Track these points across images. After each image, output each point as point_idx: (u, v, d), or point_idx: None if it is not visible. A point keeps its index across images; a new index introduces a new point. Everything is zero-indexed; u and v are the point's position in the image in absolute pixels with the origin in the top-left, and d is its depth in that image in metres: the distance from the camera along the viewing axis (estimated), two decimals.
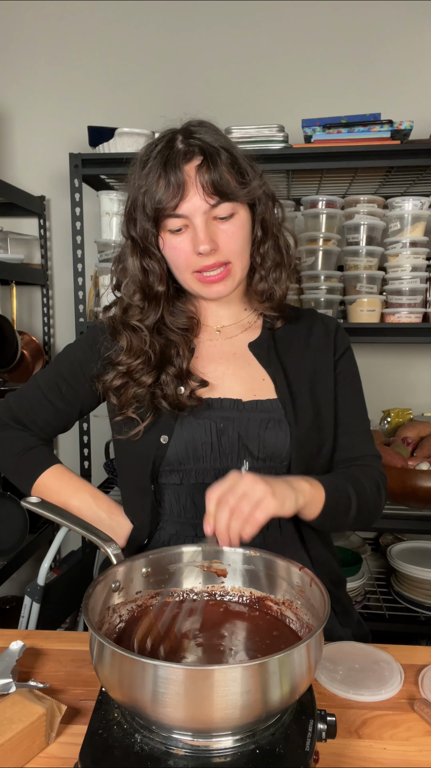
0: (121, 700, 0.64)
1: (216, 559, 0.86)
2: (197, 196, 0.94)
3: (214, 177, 0.94)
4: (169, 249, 1.00)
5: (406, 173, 1.94)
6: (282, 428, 1.00)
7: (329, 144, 1.83)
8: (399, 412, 2.12)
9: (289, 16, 2.18)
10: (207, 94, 2.22)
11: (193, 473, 1.02)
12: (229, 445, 1.00)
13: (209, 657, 0.71)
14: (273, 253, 1.05)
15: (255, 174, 1.00)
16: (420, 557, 1.99)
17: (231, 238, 0.98)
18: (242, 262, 1.01)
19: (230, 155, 0.97)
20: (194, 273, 0.99)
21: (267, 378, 1.05)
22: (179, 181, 0.94)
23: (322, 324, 1.13)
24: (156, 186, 0.95)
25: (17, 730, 0.70)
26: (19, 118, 2.32)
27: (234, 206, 0.97)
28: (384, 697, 0.83)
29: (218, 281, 0.99)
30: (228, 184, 0.95)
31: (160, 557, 0.85)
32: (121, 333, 1.04)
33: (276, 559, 0.82)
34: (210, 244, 0.95)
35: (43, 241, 2.35)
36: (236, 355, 1.08)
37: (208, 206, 0.95)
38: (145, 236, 1.00)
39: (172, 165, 0.94)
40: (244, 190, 0.97)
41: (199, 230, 0.95)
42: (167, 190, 0.94)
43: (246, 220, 1.00)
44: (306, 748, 0.63)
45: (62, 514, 0.89)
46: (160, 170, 0.95)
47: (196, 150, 0.95)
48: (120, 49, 2.25)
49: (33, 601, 1.77)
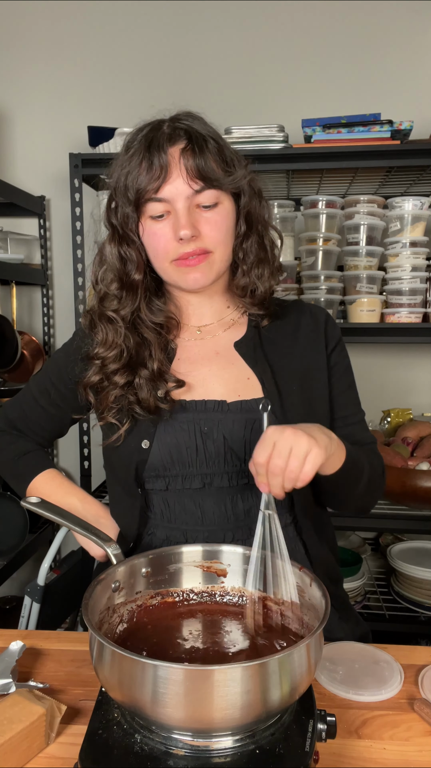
0: (121, 700, 0.64)
1: (216, 559, 0.86)
2: (180, 178, 0.92)
3: (199, 162, 0.91)
4: (149, 235, 0.97)
5: (406, 173, 1.94)
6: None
7: (329, 144, 1.83)
8: (399, 412, 2.12)
9: (289, 16, 2.18)
10: (207, 94, 2.22)
11: (179, 478, 0.99)
12: (215, 448, 0.97)
13: (209, 657, 0.71)
14: (256, 249, 1.02)
15: (241, 165, 0.98)
16: (420, 557, 1.99)
17: (213, 226, 0.95)
18: (223, 253, 0.98)
19: (217, 144, 0.95)
20: (173, 261, 0.96)
21: (253, 377, 1.02)
22: (162, 162, 0.91)
23: (310, 316, 1.10)
24: (138, 168, 0.92)
25: (17, 730, 0.70)
26: (19, 118, 2.32)
27: (219, 195, 0.95)
28: (384, 697, 0.83)
29: (195, 266, 0.96)
30: (214, 170, 0.92)
31: (160, 557, 0.85)
32: (96, 325, 1.02)
33: (276, 558, 0.82)
34: (191, 230, 0.92)
35: (43, 241, 2.35)
36: (219, 354, 1.04)
37: (191, 191, 0.92)
38: (125, 222, 0.97)
39: (156, 146, 0.92)
40: (229, 178, 0.95)
41: (180, 215, 0.93)
42: (149, 172, 0.92)
43: (230, 210, 0.97)
44: (306, 748, 0.63)
45: (62, 514, 0.89)
46: (143, 152, 0.92)
47: (181, 133, 0.92)
48: (120, 49, 2.25)
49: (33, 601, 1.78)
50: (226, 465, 0.98)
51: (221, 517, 1.00)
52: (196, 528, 1.00)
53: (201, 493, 1.00)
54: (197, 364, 1.04)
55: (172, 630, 0.77)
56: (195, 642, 0.74)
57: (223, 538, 0.99)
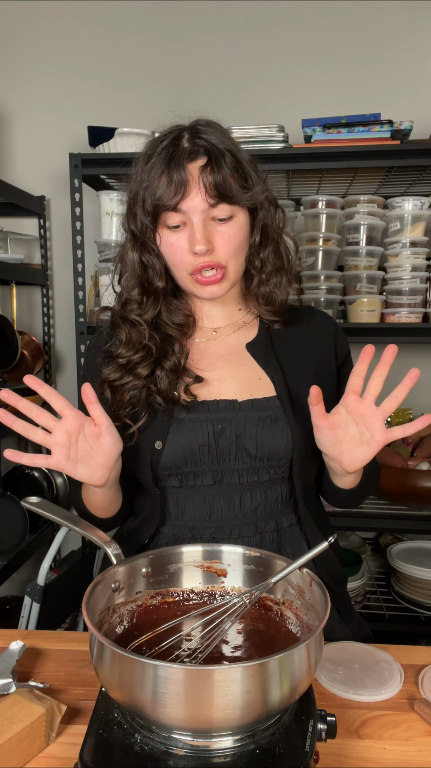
0: (121, 700, 0.64)
1: (216, 559, 0.86)
2: (198, 196, 0.94)
3: (218, 179, 0.94)
4: (166, 245, 0.99)
5: (406, 173, 1.94)
6: (279, 426, 1.00)
7: (329, 144, 1.83)
8: (399, 412, 2.12)
9: (289, 16, 2.18)
10: (207, 93, 2.22)
11: (191, 476, 1.01)
12: (226, 446, 1.00)
13: (208, 657, 0.71)
14: (273, 258, 1.05)
15: (258, 179, 1.00)
16: (420, 557, 1.99)
17: (227, 240, 0.97)
18: (236, 265, 1.01)
19: (235, 159, 0.97)
20: (190, 274, 0.99)
21: (265, 377, 1.04)
22: (182, 179, 0.93)
23: (321, 322, 1.13)
24: (158, 182, 0.95)
25: (17, 730, 0.70)
26: (19, 118, 2.32)
27: (233, 209, 0.97)
28: (384, 697, 0.83)
29: (213, 284, 0.99)
30: (231, 187, 0.95)
31: (160, 557, 0.85)
32: (120, 327, 1.04)
33: (276, 559, 0.82)
34: (205, 245, 0.95)
35: (43, 241, 2.35)
36: (231, 355, 1.07)
37: (207, 205, 0.95)
38: (143, 231, 1.00)
39: (176, 163, 0.94)
40: (246, 194, 0.97)
41: (196, 229, 0.95)
42: (169, 188, 0.94)
43: (244, 223, 1.00)
44: (306, 748, 0.63)
45: (62, 514, 0.89)
46: (163, 167, 0.95)
47: (201, 150, 0.95)
48: (120, 49, 2.25)
49: (33, 601, 1.78)
50: (237, 462, 1.00)
51: (229, 513, 1.02)
52: (204, 524, 1.02)
53: (211, 490, 1.02)
54: (211, 364, 1.06)
55: (172, 630, 0.77)
56: (195, 642, 0.74)
57: (230, 534, 1.01)
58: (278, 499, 1.04)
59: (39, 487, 2.33)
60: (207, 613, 0.78)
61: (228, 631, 0.76)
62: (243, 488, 1.02)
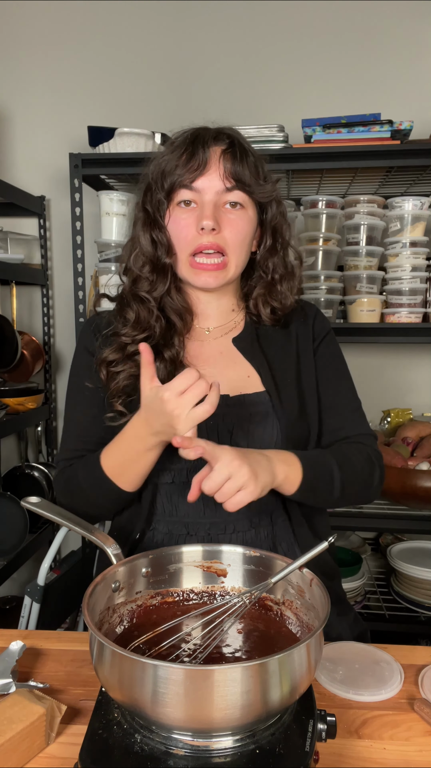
0: (121, 700, 0.64)
1: (216, 559, 0.86)
2: (216, 174, 0.98)
3: (236, 166, 0.98)
4: (173, 222, 1.02)
5: (406, 173, 1.94)
6: (269, 421, 1.02)
7: (329, 144, 1.83)
8: (399, 412, 2.13)
9: (289, 16, 2.18)
10: (207, 93, 2.22)
11: (184, 471, 1.02)
12: (218, 441, 0.98)
13: (208, 657, 0.71)
14: (284, 264, 1.09)
15: (272, 182, 1.05)
16: (420, 557, 1.99)
17: (234, 227, 1.00)
18: (237, 259, 1.02)
19: (254, 158, 1.02)
20: (190, 257, 1.01)
21: (253, 374, 1.06)
22: (204, 157, 0.98)
23: (301, 311, 1.15)
24: (179, 159, 0.99)
25: (17, 730, 0.70)
26: (19, 118, 2.32)
27: (245, 199, 1.01)
28: (384, 697, 0.83)
29: (211, 271, 1.00)
30: (248, 176, 0.99)
31: (160, 557, 0.85)
32: (129, 305, 1.06)
33: (276, 559, 0.82)
34: (213, 222, 0.97)
35: (43, 241, 2.35)
36: (222, 354, 1.09)
37: (222, 187, 0.99)
38: (157, 208, 1.03)
39: (201, 141, 0.99)
40: (260, 187, 1.01)
41: (206, 207, 0.98)
42: (189, 163, 0.98)
43: (252, 218, 1.03)
44: (306, 748, 0.63)
45: (62, 514, 0.89)
46: (187, 145, 1.00)
47: (225, 137, 1.00)
48: (120, 49, 2.25)
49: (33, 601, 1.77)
50: None
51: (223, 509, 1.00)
52: (198, 520, 1.03)
53: None
54: (203, 363, 1.07)
55: (172, 630, 0.77)
56: (195, 642, 0.74)
57: (224, 530, 1.02)
58: (272, 494, 1.04)
59: (39, 487, 2.33)
60: (207, 613, 0.78)
61: (228, 631, 0.76)
62: None
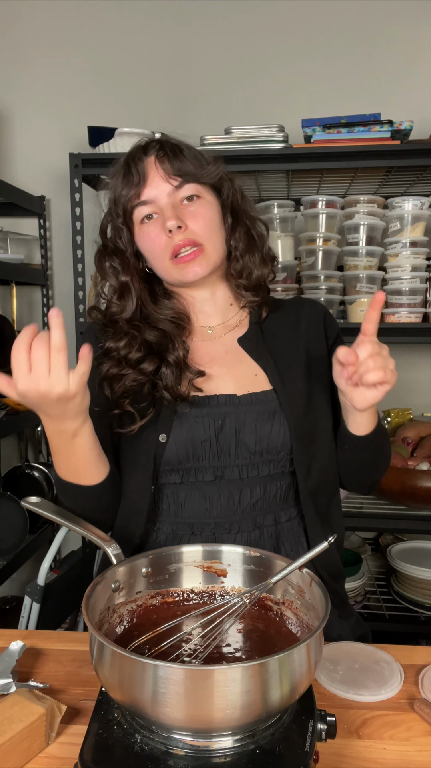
0: (121, 700, 0.64)
1: (216, 559, 0.86)
2: (159, 178, 1.01)
3: (174, 163, 1.01)
4: (142, 238, 1.03)
5: (406, 173, 1.94)
6: (277, 419, 1.02)
7: (329, 144, 1.83)
8: (399, 412, 2.12)
9: (289, 15, 2.18)
10: (207, 93, 2.22)
11: (192, 472, 1.02)
12: (226, 441, 1.01)
13: (208, 657, 0.71)
14: (245, 238, 1.09)
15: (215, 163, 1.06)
16: (420, 557, 1.99)
17: (198, 218, 1.01)
18: (215, 245, 1.03)
19: (189, 149, 1.05)
20: (171, 260, 1.02)
21: (260, 372, 1.07)
22: (141, 171, 1.01)
23: (309, 309, 1.16)
24: (122, 182, 1.03)
25: (17, 730, 0.70)
26: (19, 118, 2.32)
27: (198, 189, 1.03)
28: (384, 697, 0.83)
29: (191, 260, 1.01)
30: (189, 167, 1.02)
31: (159, 557, 0.85)
32: (107, 325, 1.08)
33: (276, 559, 0.82)
34: (176, 221, 0.99)
35: (43, 241, 2.35)
36: (227, 353, 1.09)
37: (171, 188, 1.01)
38: (116, 235, 1.06)
39: (133, 159, 1.03)
40: (203, 171, 1.03)
41: (165, 210, 1.00)
42: (131, 181, 1.01)
43: (213, 203, 1.05)
44: (306, 748, 0.63)
45: (62, 514, 0.89)
46: (123, 166, 1.04)
47: (154, 144, 1.04)
48: (120, 49, 2.25)
49: (33, 601, 1.77)
50: (237, 458, 1.01)
51: (228, 509, 1.03)
52: (203, 520, 1.03)
53: (211, 486, 1.02)
54: (209, 363, 1.07)
55: (172, 630, 0.77)
56: (195, 642, 0.74)
57: (229, 530, 1.02)
58: (277, 494, 1.05)
59: (39, 487, 2.33)
60: (207, 613, 0.78)
61: (228, 631, 0.76)
62: (243, 484, 1.03)
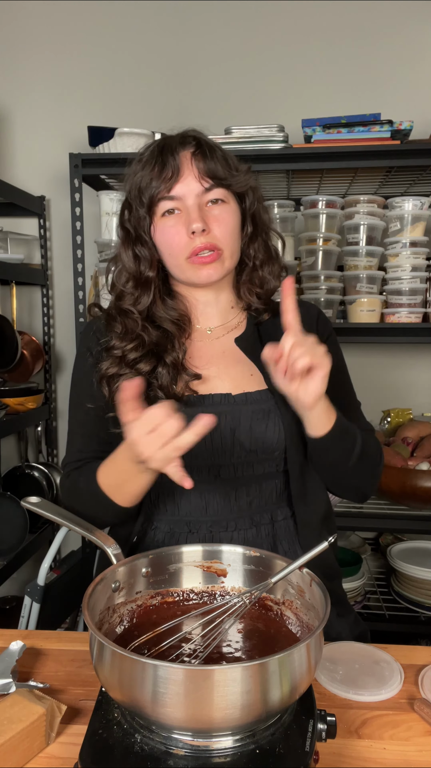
0: (121, 700, 0.64)
1: (216, 559, 0.86)
2: (191, 177, 1.00)
3: (209, 164, 1.00)
4: (162, 233, 1.02)
5: (406, 173, 1.94)
6: (272, 419, 1.02)
7: (329, 144, 1.83)
8: (399, 412, 2.12)
9: (289, 15, 2.18)
10: (207, 93, 2.22)
11: (187, 470, 1.01)
12: (221, 440, 1.01)
13: (208, 657, 0.71)
14: (265, 248, 1.10)
15: (245, 172, 1.06)
16: (420, 557, 1.99)
17: (221, 223, 1.01)
18: (231, 250, 1.03)
19: (222, 152, 1.04)
20: (187, 259, 1.02)
21: (256, 372, 1.07)
22: (175, 164, 0.99)
23: (305, 311, 1.14)
24: (152, 172, 1.00)
25: (17, 730, 0.70)
26: (19, 118, 2.32)
27: (226, 194, 1.02)
28: (384, 697, 0.83)
29: (209, 263, 1.01)
30: (221, 171, 1.01)
31: (159, 557, 0.85)
32: (115, 319, 1.07)
33: (276, 559, 0.82)
34: (202, 223, 0.98)
35: (43, 241, 2.35)
36: (225, 353, 1.09)
37: (201, 189, 1.00)
38: (138, 224, 1.04)
39: (169, 150, 1.00)
40: (235, 179, 1.03)
41: (191, 210, 1.00)
42: (163, 173, 0.99)
43: (235, 209, 1.04)
44: (306, 748, 0.63)
45: (62, 514, 0.89)
46: (156, 157, 1.01)
47: (191, 140, 1.02)
48: (120, 49, 2.25)
49: (33, 601, 1.77)
50: (233, 456, 1.02)
51: (225, 507, 1.03)
52: (200, 519, 1.03)
53: (207, 485, 1.03)
54: (206, 363, 1.08)
55: (172, 630, 0.77)
56: (195, 642, 0.74)
57: (226, 528, 1.03)
58: (273, 492, 1.06)
59: (39, 487, 2.33)
60: (207, 613, 0.78)
61: (228, 631, 0.76)
62: (239, 482, 1.03)
